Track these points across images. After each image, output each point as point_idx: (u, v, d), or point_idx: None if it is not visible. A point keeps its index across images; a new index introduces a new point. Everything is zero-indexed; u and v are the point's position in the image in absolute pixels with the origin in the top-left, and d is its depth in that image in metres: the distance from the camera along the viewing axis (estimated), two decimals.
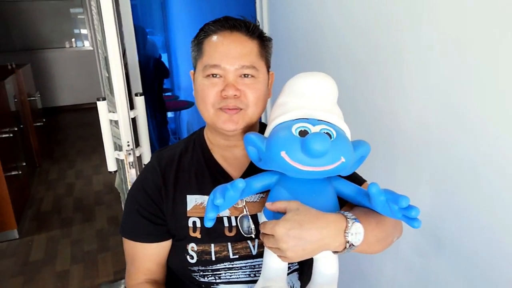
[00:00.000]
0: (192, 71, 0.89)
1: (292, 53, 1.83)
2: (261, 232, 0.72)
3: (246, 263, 0.85)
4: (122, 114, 1.34)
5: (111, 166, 1.42)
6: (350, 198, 0.77)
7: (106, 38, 1.28)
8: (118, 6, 2.00)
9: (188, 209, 0.87)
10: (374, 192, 0.66)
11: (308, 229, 0.65)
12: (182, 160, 0.91)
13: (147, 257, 0.89)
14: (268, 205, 0.73)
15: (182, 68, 5.11)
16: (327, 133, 0.69)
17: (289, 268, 0.88)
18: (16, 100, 3.58)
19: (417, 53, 1.07)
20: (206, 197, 0.87)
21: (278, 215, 0.71)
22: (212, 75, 0.80)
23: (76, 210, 3.26)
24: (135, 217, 0.89)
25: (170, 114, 4.92)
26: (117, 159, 1.42)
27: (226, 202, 0.68)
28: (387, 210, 0.67)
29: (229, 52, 0.80)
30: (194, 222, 0.86)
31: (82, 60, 6.53)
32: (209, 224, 0.69)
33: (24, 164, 3.28)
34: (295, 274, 0.91)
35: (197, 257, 0.85)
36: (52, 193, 3.58)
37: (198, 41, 0.84)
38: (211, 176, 0.89)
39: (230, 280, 0.86)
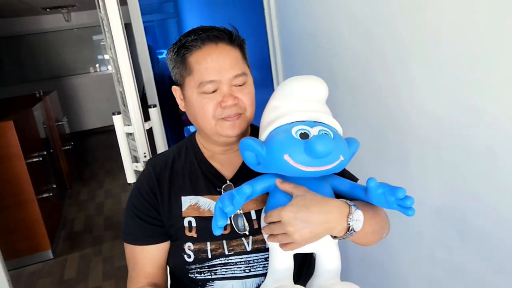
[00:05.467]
0: (175, 87, 0.89)
1: (302, 56, 1.84)
2: (264, 222, 0.74)
3: (241, 258, 0.87)
4: (137, 126, 1.38)
5: (130, 178, 1.46)
6: (346, 193, 0.80)
7: (117, 55, 1.33)
8: (130, 27, 2.08)
9: (183, 210, 0.89)
10: (372, 186, 0.69)
11: (315, 212, 0.68)
12: (175, 164, 0.94)
13: (147, 260, 0.91)
14: (278, 182, 0.76)
15: None
16: (325, 133, 0.72)
17: None
18: (45, 126, 3.74)
19: (422, 47, 1.06)
20: (200, 197, 0.89)
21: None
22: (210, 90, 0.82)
23: (107, 228, 3.34)
24: (134, 221, 0.92)
25: (193, 129, 5.02)
26: (135, 171, 1.46)
27: (234, 209, 0.71)
28: (383, 202, 0.71)
29: (220, 65, 0.82)
30: (189, 222, 0.88)
31: (106, 83, 6.74)
32: (218, 232, 0.72)
33: (55, 186, 3.40)
34: None
35: (194, 255, 0.87)
36: (83, 214, 3.68)
37: (182, 58, 0.84)
38: (204, 176, 0.91)
39: (226, 276, 0.87)
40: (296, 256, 0.79)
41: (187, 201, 0.89)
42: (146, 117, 1.44)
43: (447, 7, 0.95)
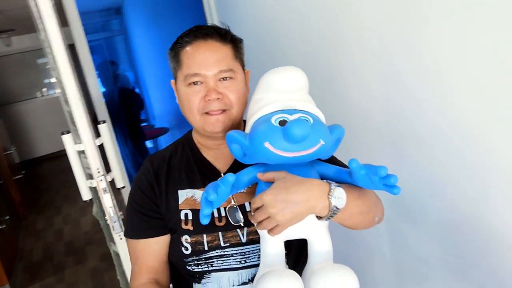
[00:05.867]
0: (172, 80, 0.96)
1: (252, 60, 1.90)
2: (251, 211, 0.76)
3: (236, 250, 0.90)
4: (88, 142, 1.39)
5: (85, 195, 1.46)
6: (332, 178, 0.81)
7: (61, 76, 1.33)
8: (74, 45, 2.08)
9: (179, 203, 0.93)
10: (355, 167, 0.71)
11: (294, 192, 0.70)
12: (172, 160, 0.98)
13: (149, 254, 0.93)
14: (259, 175, 0.78)
15: (154, 98, 5.17)
16: (304, 119, 0.73)
17: None
18: None
19: (358, 34, 1.15)
20: (196, 191, 0.93)
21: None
22: (194, 83, 0.87)
23: (68, 254, 3.24)
24: (135, 216, 0.94)
25: (150, 144, 4.96)
26: (91, 188, 1.46)
27: (219, 198, 0.72)
28: (368, 182, 0.72)
29: (206, 59, 0.86)
30: (186, 214, 0.92)
31: (55, 107, 6.46)
32: (205, 221, 0.73)
33: (8, 218, 3.25)
34: None
35: (191, 248, 0.90)
36: (41, 243, 3.54)
37: (175, 53, 0.90)
38: (200, 171, 0.95)
39: (222, 267, 0.90)
40: (294, 245, 0.81)
41: (183, 195, 0.93)
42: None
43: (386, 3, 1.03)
